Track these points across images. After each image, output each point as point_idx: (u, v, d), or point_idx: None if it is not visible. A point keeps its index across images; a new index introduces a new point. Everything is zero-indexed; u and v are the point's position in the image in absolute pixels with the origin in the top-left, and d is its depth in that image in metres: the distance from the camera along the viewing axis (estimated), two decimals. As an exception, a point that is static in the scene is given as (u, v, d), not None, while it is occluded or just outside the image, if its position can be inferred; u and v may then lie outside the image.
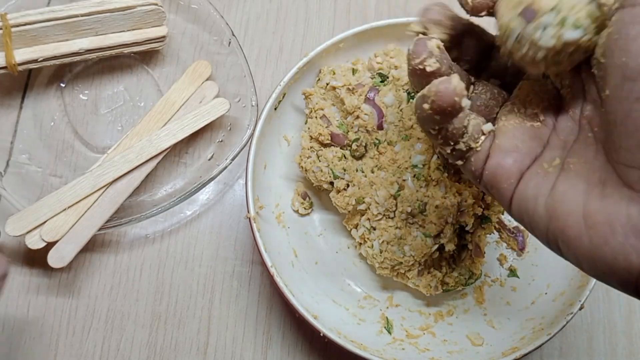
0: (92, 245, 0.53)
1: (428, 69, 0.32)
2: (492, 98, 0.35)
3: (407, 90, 0.50)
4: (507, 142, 0.32)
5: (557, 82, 0.32)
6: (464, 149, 0.33)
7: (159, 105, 0.55)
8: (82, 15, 0.53)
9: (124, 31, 0.55)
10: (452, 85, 0.31)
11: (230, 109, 0.55)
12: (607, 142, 0.28)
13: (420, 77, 0.33)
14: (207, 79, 0.56)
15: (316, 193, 0.53)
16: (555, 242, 0.28)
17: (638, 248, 0.25)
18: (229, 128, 0.55)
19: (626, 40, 0.25)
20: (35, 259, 0.52)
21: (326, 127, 0.50)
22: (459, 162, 0.34)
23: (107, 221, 0.51)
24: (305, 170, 0.50)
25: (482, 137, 0.33)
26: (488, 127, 0.33)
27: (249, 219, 0.47)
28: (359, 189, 0.48)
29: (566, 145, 0.30)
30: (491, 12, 0.32)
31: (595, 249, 0.26)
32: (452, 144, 0.33)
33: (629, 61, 0.24)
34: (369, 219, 0.48)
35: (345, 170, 0.49)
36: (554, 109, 0.32)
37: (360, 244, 0.49)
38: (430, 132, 0.33)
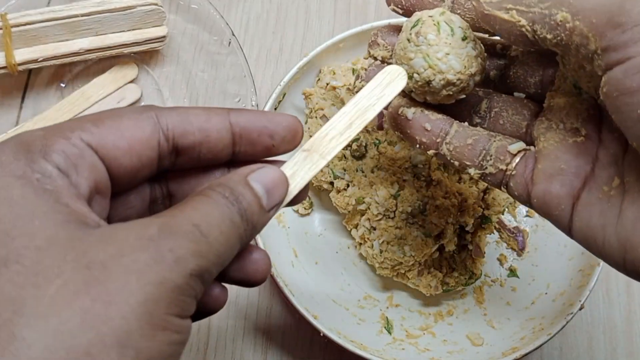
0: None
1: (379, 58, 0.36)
2: (517, 113, 0.33)
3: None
4: (551, 165, 0.30)
5: (593, 93, 0.30)
6: (494, 171, 0.32)
7: (72, 97, 0.54)
8: (82, 15, 0.53)
9: (123, 31, 0.55)
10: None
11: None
12: None
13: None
14: (131, 82, 0.56)
15: (316, 193, 0.53)
16: (637, 273, 0.27)
17: None
18: (229, 128, 0.55)
19: (631, 94, 0.24)
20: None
21: (326, 127, 0.50)
22: (503, 189, 0.33)
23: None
24: (305, 170, 0.50)
25: (517, 159, 0.32)
26: (515, 147, 0.32)
27: (249, 219, 0.46)
28: (359, 189, 0.48)
29: (617, 159, 0.28)
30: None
31: None
32: (477, 167, 0.33)
33: None
34: (369, 219, 0.48)
35: (345, 170, 0.49)
36: (595, 120, 0.29)
37: (360, 244, 0.49)
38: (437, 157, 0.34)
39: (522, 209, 0.53)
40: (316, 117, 0.51)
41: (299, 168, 0.30)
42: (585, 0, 0.25)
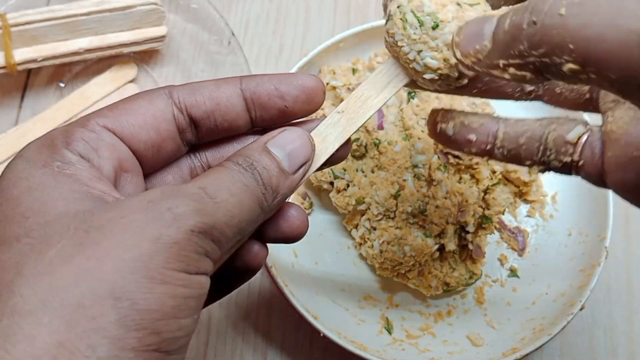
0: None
1: None
2: None
3: (408, 90, 0.50)
4: (622, 153, 0.26)
5: None
6: (559, 165, 0.29)
7: (72, 96, 0.54)
8: (82, 15, 0.53)
9: (123, 31, 0.55)
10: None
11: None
12: None
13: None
14: (130, 81, 0.56)
15: (316, 193, 0.53)
16: None
17: None
18: (228, 128, 0.55)
19: None
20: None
21: (326, 127, 0.50)
22: (578, 175, 0.29)
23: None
24: (305, 170, 0.50)
25: (580, 146, 0.28)
26: (573, 135, 0.28)
27: (249, 219, 0.46)
28: (359, 189, 0.48)
29: None
30: None
31: None
32: (538, 164, 0.30)
33: None
34: (369, 219, 0.48)
35: (345, 170, 0.49)
36: None
37: (361, 244, 0.49)
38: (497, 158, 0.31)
39: (523, 209, 0.53)
40: (316, 116, 0.51)
41: (334, 129, 0.29)
42: (590, 41, 0.20)
